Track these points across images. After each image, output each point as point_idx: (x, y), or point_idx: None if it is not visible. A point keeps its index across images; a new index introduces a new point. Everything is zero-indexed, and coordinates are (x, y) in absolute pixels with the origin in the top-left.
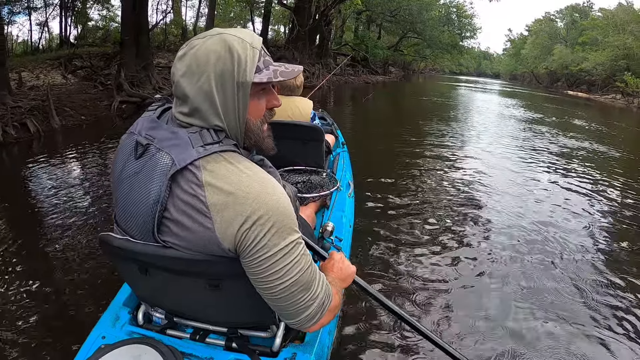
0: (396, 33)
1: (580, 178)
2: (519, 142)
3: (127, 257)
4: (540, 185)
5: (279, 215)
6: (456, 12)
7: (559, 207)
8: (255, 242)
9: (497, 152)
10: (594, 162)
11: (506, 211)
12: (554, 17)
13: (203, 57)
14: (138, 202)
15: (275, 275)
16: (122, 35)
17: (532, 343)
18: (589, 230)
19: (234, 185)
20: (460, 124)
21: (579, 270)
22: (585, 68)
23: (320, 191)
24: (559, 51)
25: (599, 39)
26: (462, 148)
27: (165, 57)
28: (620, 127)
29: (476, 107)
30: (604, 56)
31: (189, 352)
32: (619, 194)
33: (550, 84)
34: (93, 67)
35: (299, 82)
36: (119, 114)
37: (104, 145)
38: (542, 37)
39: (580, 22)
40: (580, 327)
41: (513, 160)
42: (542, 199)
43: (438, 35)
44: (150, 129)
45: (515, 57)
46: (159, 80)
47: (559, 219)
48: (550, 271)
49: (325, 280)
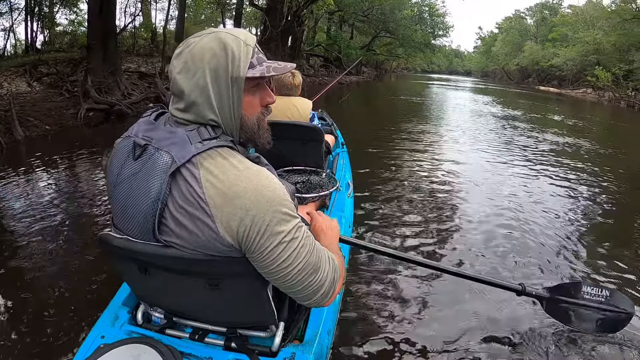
0: (369, 33)
1: (555, 170)
2: (498, 138)
3: (126, 257)
4: (526, 179)
5: (277, 205)
6: (428, 11)
7: (538, 197)
8: (260, 235)
9: (478, 149)
10: (567, 154)
11: (495, 208)
12: (524, 15)
13: (198, 54)
14: (138, 201)
15: (285, 263)
16: (89, 40)
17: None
18: (560, 217)
19: (231, 180)
20: (438, 123)
21: (550, 255)
22: (556, 64)
23: (320, 191)
24: (529, 48)
25: (569, 35)
26: (445, 146)
27: (135, 62)
28: (594, 120)
29: (452, 105)
30: (574, 52)
31: (188, 352)
32: (590, 182)
33: (521, 80)
34: (59, 73)
35: (297, 82)
36: (85, 122)
37: (70, 156)
38: (513, 35)
39: (550, 19)
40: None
41: (499, 157)
42: (528, 192)
43: (411, 35)
44: (147, 130)
45: (486, 54)
46: (128, 85)
47: (537, 208)
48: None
49: (329, 254)
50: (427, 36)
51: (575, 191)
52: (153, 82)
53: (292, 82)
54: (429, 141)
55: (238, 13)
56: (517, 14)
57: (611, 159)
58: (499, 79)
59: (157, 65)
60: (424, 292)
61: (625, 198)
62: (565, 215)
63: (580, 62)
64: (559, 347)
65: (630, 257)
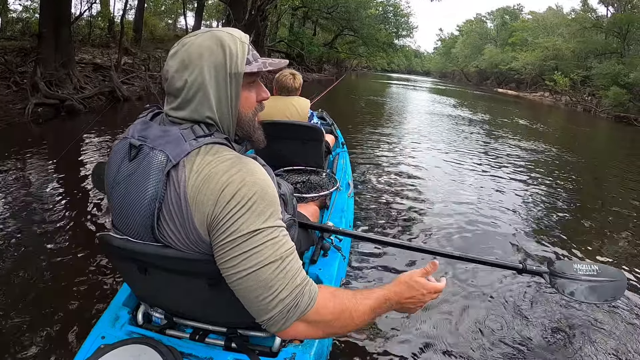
0: (332, 30)
1: (511, 168)
2: (459, 138)
3: (126, 257)
4: (489, 181)
5: (254, 194)
6: (393, 11)
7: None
8: (226, 220)
9: (441, 149)
10: (529, 155)
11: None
12: (485, 18)
13: (196, 52)
14: (135, 202)
15: (232, 262)
16: (40, 28)
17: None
18: (514, 210)
19: (211, 170)
20: (401, 123)
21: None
22: (515, 67)
23: (320, 191)
24: (489, 51)
25: (529, 40)
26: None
27: (90, 52)
28: (551, 123)
29: (415, 107)
30: (533, 56)
31: (188, 352)
32: (546, 180)
33: (479, 82)
34: (7, 63)
35: (298, 84)
36: (34, 118)
37: (17, 157)
38: (473, 37)
39: (510, 24)
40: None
41: (462, 157)
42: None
43: (375, 34)
44: (142, 130)
45: (446, 55)
46: (81, 78)
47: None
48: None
49: (309, 286)
50: (390, 36)
51: (537, 188)
52: (108, 74)
53: (293, 84)
54: (395, 143)
55: (200, 5)
56: (479, 17)
57: (572, 160)
58: (457, 80)
59: (114, 56)
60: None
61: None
62: (529, 207)
63: (539, 67)
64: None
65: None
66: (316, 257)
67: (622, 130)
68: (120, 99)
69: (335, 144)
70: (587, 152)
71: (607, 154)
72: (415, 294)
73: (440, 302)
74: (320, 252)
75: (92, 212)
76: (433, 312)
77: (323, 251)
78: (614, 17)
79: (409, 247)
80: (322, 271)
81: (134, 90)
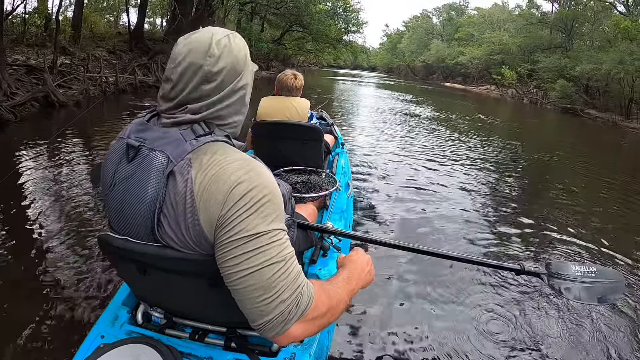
0: (280, 26)
1: (462, 159)
2: (408, 132)
3: (126, 257)
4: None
5: (264, 197)
6: (342, 6)
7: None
8: (233, 219)
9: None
10: (471, 143)
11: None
12: (431, 14)
13: (198, 51)
14: (135, 204)
15: (232, 262)
16: None
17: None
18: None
19: (219, 169)
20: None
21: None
22: (462, 62)
23: (320, 191)
24: (435, 46)
25: (475, 35)
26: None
27: (24, 53)
28: (501, 115)
29: (366, 103)
30: (480, 51)
31: (188, 352)
32: (490, 168)
33: (426, 76)
34: None
35: (299, 84)
36: None
37: None
38: (419, 33)
39: (456, 20)
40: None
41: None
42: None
43: (325, 29)
44: (140, 131)
45: (392, 51)
46: (12, 83)
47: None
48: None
49: (307, 285)
50: (340, 32)
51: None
52: (42, 77)
53: (294, 84)
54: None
55: (143, 1)
56: (425, 13)
57: (523, 150)
58: (404, 75)
59: (49, 57)
60: (423, 286)
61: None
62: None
63: (486, 61)
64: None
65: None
66: (316, 257)
67: (570, 120)
68: (56, 105)
69: (334, 144)
70: (537, 142)
71: (559, 143)
72: (360, 265)
73: (440, 303)
74: (320, 252)
75: (92, 212)
76: (432, 313)
77: (322, 251)
78: (560, 13)
79: (408, 248)
80: (322, 271)
81: (72, 94)
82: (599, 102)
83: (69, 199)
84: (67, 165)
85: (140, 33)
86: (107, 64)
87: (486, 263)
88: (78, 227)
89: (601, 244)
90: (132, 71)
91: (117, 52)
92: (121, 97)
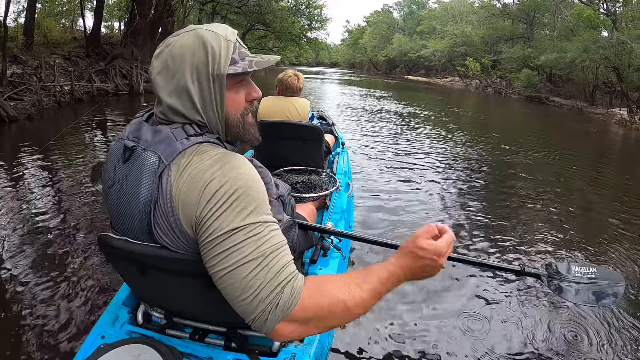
0: (242, 25)
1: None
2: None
3: (125, 258)
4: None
5: (236, 190)
6: (305, 3)
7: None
8: (207, 219)
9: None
10: (439, 131)
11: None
12: (392, 9)
13: (178, 53)
14: (130, 204)
15: (216, 259)
16: None
17: None
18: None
19: (193, 170)
20: None
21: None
22: (425, 55)
23: (320, 191)
24: (397, 40)
25: (438, 28)
26: None
27: None
28: (469, 105)
29: (336, 101)
30: (443, 44)
31: (188, 352)
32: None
33: (389, 71)
34: None
35: (301, 84)
36: None
37: None
38: (381, 27)
39: (417, 13)
40: None
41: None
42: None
43: (288, 27)
44: (135, 131)
45: (354, 46)
46: None
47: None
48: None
49: (292, 282)
50: (303, 29)
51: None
52: None
53: (297, 85)
54: None
55: (100, 3)
56: (386, 8)
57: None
58: (366, 70)
59: None
60: (422, 285)
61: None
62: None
63: (449, 53)
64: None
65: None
66: (316, 257)
67: (536, 108)
68: (5, 120)
69: (335, 144)
70: (508, 132)
71: (529, 132)
72: (427, 261)
73: (440, 304)
74: (320, 252)
75: (91, 212)
76: (433, 313)
77: (323, 251)
78: (522, 4)
79: None
80: (322, 271)
81: (23, 107)
82: (562, 89)
83: (67, 200)
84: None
85: (98, 37)
86: (63, 71)
87: (487, 264)
88: (78, 227)
89: (581, 236)
90: (89, 78)
91: (73, 58)
92: (78, 107)
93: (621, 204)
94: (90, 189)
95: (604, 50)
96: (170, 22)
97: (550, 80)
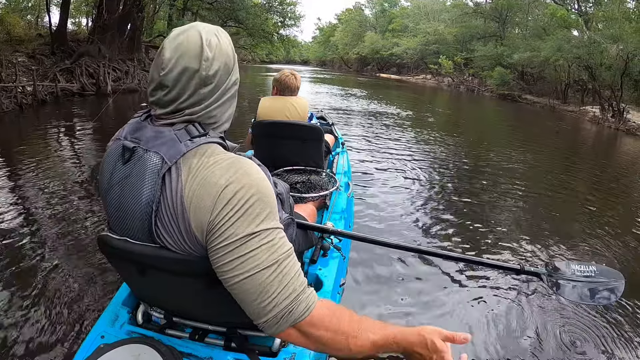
0: (214, 22)
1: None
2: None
3: (125, 258)
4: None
5: (251, 197)
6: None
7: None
8: (222, 224)
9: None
10: (414, 127)
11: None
12: (364, 7)
13: (189, 49)
14: (131, 206)
15: (228, 266)
16: None
17: None
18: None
19: (207, 173)
20: None
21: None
22: (397, 52)
23: (320, 191)
24: (369, 37)
25: (410, 26)
26: None
27: None
28: (443, 103)
29: (309, 99)
30: (415, 42)
31: (188, 352)
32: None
33: (360, 68)
34: None
35: (299, 83)
36: None
37: None
38: (353, 25)
39: (389, 11)
40: None
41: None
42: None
43: (261, 24)
44: (135, 131)
45: (325, 44)
46: None
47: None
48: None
49: (307, 295)
50: (277, 26)
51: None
52: None
53: (295, 84)
54: None
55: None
56: (357, 5)
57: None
58: (337, 68)
59: None
60: (423, 285)
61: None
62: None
63: (421, 51)
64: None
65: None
66: (316, 257)
67: (509, 106)
68: None
69: (335, 144)
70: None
71: (504, 129)
72: (425, 354)
73: (439, 304)
74: (320, 252)
75: (91, 212)
76: (433, 312)
77: (323, 251)
78: (495, 3)
79: (408, 248)
80: (322, 271)
81: None
82: (534, 87)
83: (65, 202)
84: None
85: (64, 34)
86: (26, 70)
87: (486, 263)
88: (78, 227)
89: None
90: (53, 78)
91: (37, 56)
92: (41, 110)
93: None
94: (79, 192)
95: (577, 49)
96: (140, 18)
97: (523, 78)
